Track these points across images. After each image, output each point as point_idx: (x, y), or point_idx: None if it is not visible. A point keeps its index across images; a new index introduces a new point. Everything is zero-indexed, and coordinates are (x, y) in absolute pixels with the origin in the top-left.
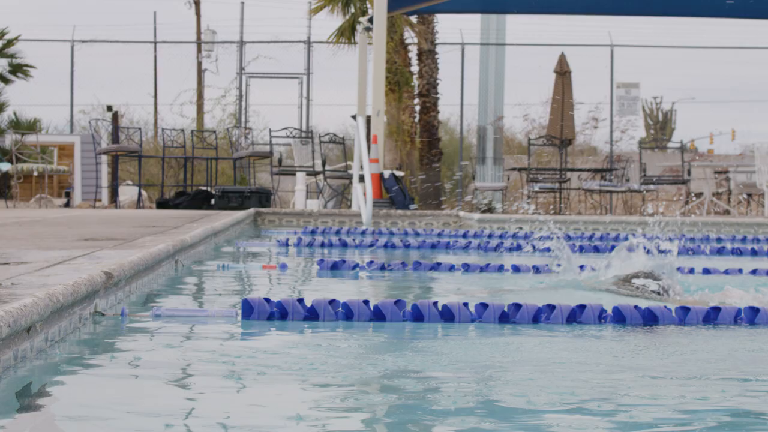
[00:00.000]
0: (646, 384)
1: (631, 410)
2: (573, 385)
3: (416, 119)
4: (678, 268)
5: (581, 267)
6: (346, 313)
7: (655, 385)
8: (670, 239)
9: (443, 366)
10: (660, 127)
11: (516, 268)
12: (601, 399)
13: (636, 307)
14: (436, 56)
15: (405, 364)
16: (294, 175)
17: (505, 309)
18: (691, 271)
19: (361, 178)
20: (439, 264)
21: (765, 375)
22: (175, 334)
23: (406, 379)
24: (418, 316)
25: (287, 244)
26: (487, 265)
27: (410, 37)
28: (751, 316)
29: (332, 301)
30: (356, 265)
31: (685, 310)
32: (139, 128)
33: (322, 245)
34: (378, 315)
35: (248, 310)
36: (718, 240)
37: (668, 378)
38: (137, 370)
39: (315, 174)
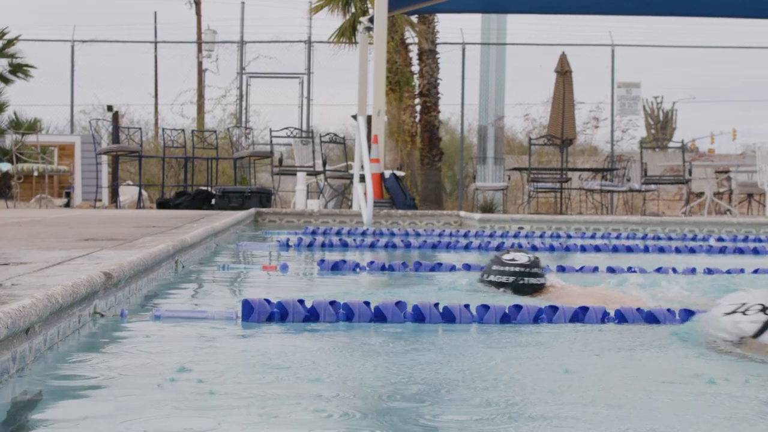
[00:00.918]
0: (650, 386)
1: (633, 411)
2: (572, 385)
3: (417, 119)
4: (675, 269)
5: None
6: (347, 314)
7: (661, 386)
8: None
9: (444, 367)
10: (661, 126)
11: None
12: (602, 400)
13: (639, 309)
14: (437, 56)
15: (406, 365)
16: (294, 175)
17: (506, 311)
18: (692, 270)
19: (362, 178)
20: (440, 264)
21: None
22: (175, 335)
23: (406, 381)
24: (419, 317)
25: (288, 245)
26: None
27: (411, 36)
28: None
29: (333, 302)
30: (357, 266)
31: (689, 312)
32: (140, 128)
33: (323, 245)
34: (379, 316)
35: (248, 310)
36: (720, 239)
37: (674, 380)
38: (136, 371)
39: (315, 174)
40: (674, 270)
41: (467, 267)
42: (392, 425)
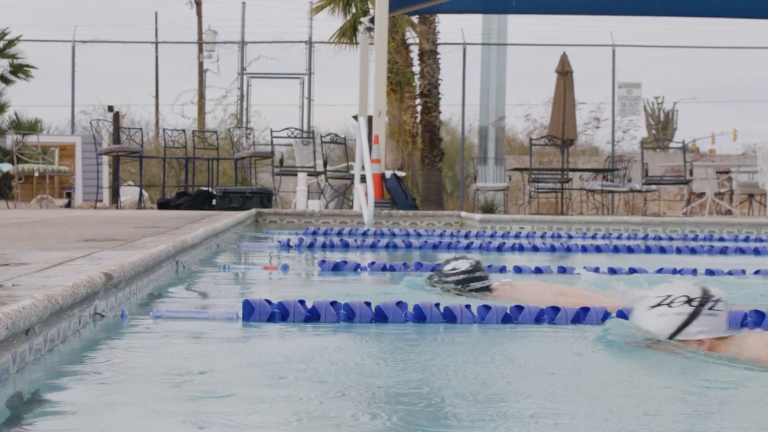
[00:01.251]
0: (650, 389)
1: (632, 415)
2: (574, 388)
3: (418, 119)
4: (677, 270)
5: None
6: (348, 315)
7: (660, 389)
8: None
9: (446, 367)
10: (662, 127)
11: (518, 269)
12: (602, 403)
13: None
14: (438, 56)
15: (408, 366)
16: (295, 175)
17: (508, 311)
18: (694, 272)
19: (363, 179)
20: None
21: None
22: (176, 336)
23: (409, 381)
24: (420, 317)
25: (288, 245)
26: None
27: (412, 37)
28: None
29: (334, 303)
30: (358, 266)
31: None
32: (140, 129)
33: (324, 246)
34: (380, 316)
35: (249, 311)
36: (721, 240)
37: (677, 387)
38: (137, 372)
39: (316, 174)
40: (675, 271)
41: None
42: (395, 426)
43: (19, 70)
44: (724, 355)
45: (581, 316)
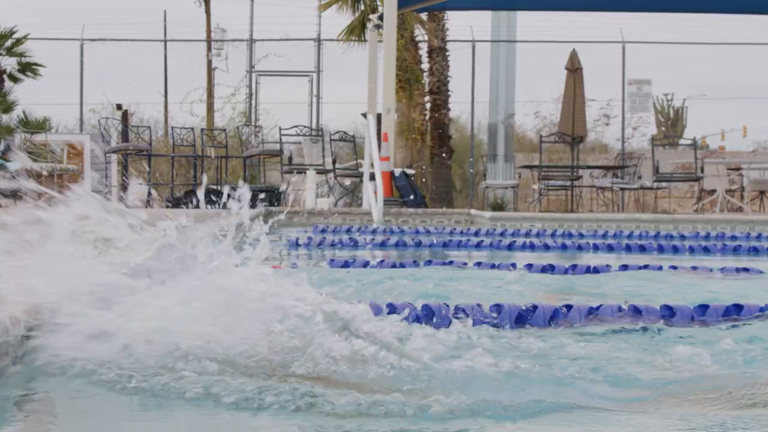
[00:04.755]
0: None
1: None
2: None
3: (427, 117)
4: (694, 267)
5: None
6: None
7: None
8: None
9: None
10: (671, 124)
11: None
12: (612, 403)
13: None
14: (447, 53)
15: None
16: (304, 173)
17: (522, 310)
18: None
19: (372, 177)
20: (451, 262)
21: None
22: None
23: (415, 382)
24: (429, 316)
25: (297, 243)
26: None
27: (420, 34)
28: None
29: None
30: (367, 264)
31: (703, 307)
32: (149, 127)
33: (333, 244)
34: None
35: None
36: (733, 237)
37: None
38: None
39: (325, 172)
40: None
41: (478, 265)
42: (402, 428)
43: (27, 68)
44: None
45: (593, 311)
